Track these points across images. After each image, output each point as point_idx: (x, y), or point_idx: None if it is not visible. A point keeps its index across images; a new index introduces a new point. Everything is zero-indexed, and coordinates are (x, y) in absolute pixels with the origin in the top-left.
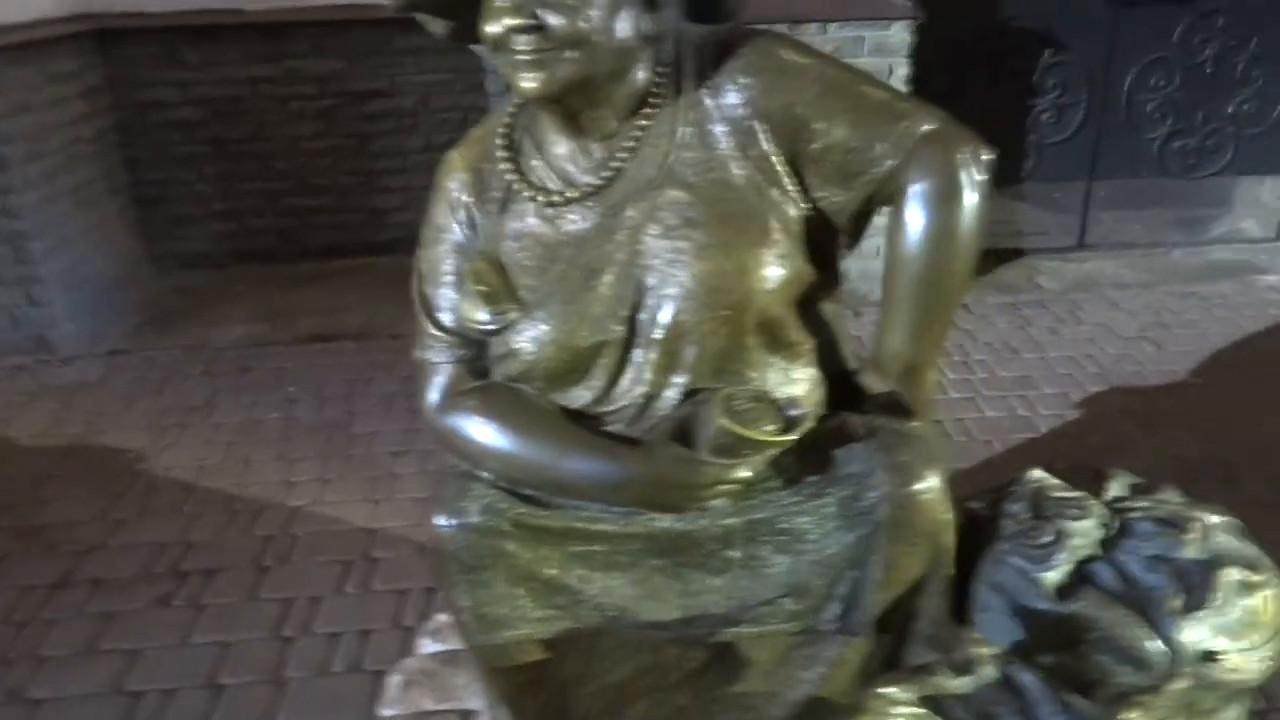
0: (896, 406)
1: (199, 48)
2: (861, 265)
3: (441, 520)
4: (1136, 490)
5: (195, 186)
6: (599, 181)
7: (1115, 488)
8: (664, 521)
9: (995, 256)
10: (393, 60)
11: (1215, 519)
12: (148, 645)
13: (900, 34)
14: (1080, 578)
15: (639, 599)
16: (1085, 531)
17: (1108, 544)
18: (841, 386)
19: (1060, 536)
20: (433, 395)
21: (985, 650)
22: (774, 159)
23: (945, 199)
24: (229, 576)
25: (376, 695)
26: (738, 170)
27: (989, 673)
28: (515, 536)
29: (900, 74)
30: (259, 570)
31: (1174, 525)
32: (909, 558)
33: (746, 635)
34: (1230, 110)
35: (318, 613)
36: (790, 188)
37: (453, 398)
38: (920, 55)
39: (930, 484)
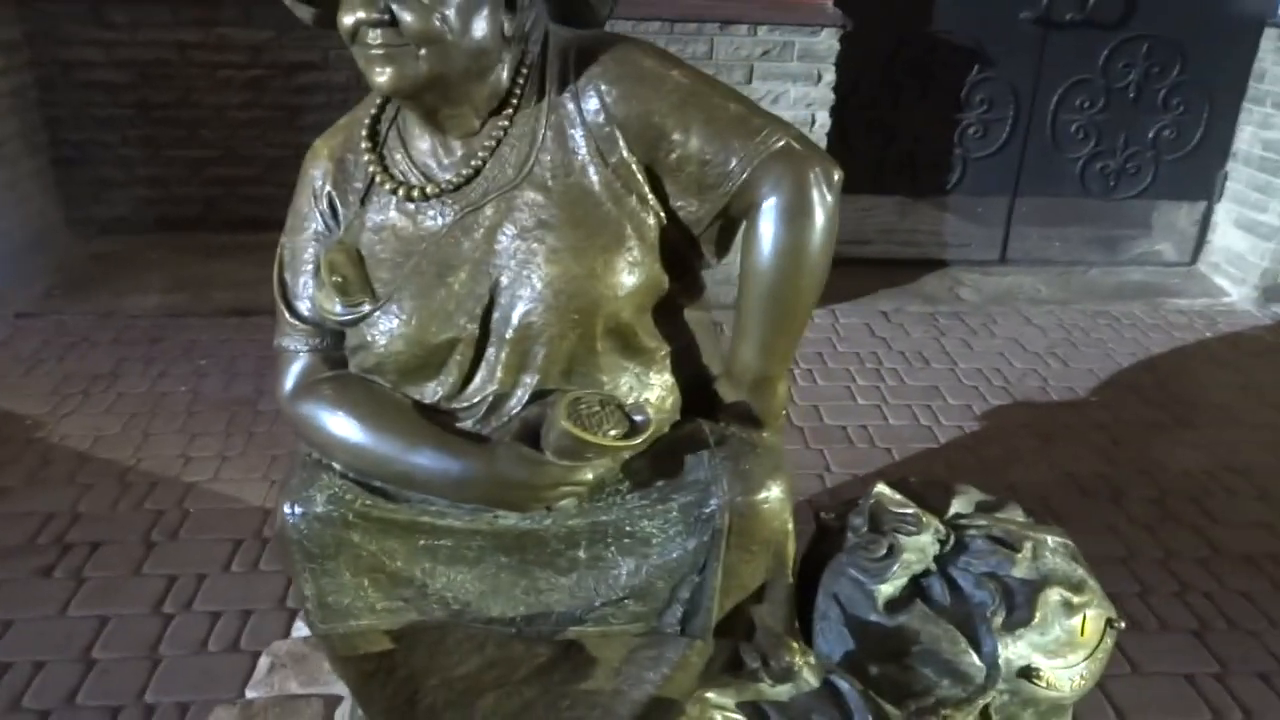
0: (748, 416)
1: (125, 8)
2: None
3: (286, 508)
4: (981, 507)
5: (118, 150)
6: (458, 179)
7: (959, 505)
8: (510, 519)
9: (920, 266)
10: (326, 34)
11: (1050, 540)
12: (23, 616)
13: (829, 41)
14: (913, 591)
15: (484, 594)
16: (919, 547)
17: (943, 559)
18: (704, 393)
19: (894, 551)
20: (287, 383)
21: (803, 659)
22: (633, 166)
23: (795, 216)
24: (114, 550)
25: (249, 676)
26: (596, 176)
27: (808, 680)
28: (361, 527)
29: (827, 79)
30: (146, 545)
31: (1007, 544)
32: (749, 565)
33: (591, 634)
34: (1151, 135)
35: (201, 590)
36: (649, 196)
37: (306, 387)
38: (850, 63)
39: (771, 494)
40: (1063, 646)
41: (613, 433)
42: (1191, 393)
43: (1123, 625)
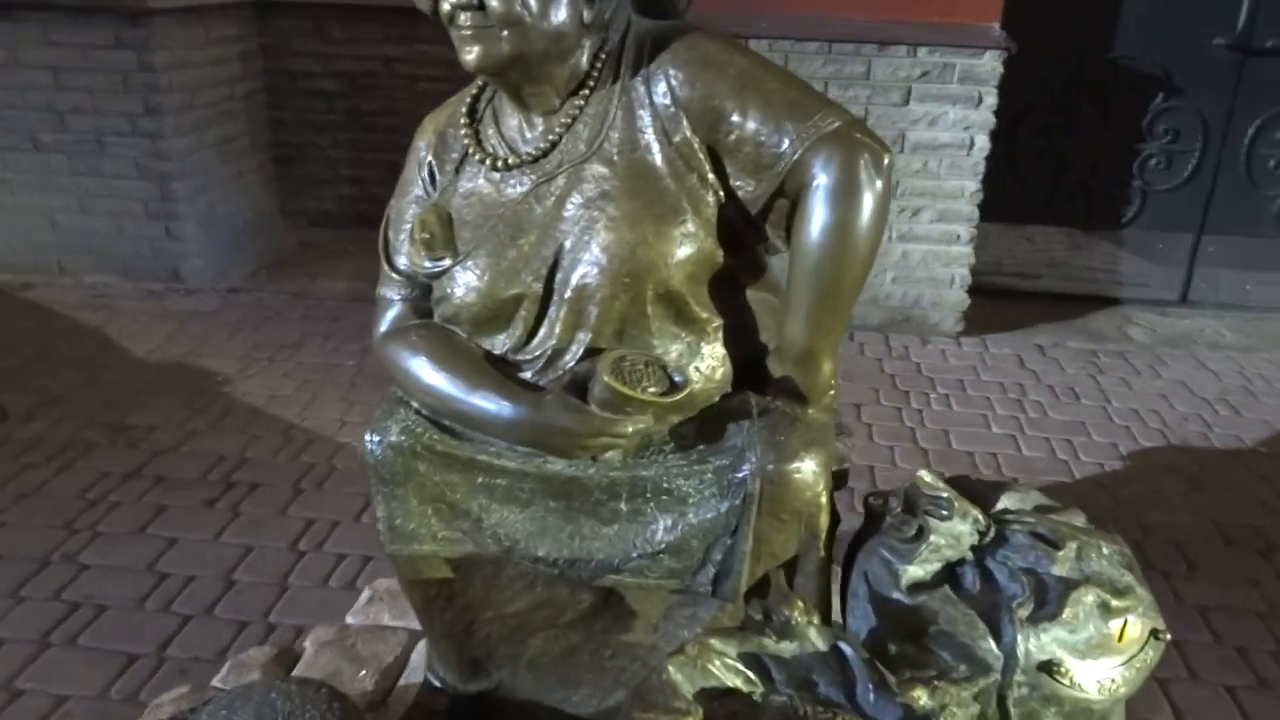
0: (793, 392)
1: (344, 24)
2: (935, 293)
3: (367, 436)
4: (1039, 509)
5: (329, 151)
6: (537, 152)
7: (1011, 501)
8: (557, 465)
9: (1090, 302)
10: None
11: (1104, 547)
12: (185, 537)
13: (991, 63)
14: (945, 577)
15: (533, 535)
16: (952, 533)
17: (981, 550)
18: (758, 370)
19: (922, 532)
20: (381, 327)
21: (805, 617)
22: (695, 146)
23: (842, 195)
24: (268, 492)
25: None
26: (659, 153)
27: (815, 642)
28: (427, 459)
29: (989, 102)
30: (295, 491)
31: (1049, 541)
32: (780, 534)
33: (629, 584)
34: None
35: (333, 535)
36: (709, 175)
37: (396, 331)
38: (1022, 87)
39: (804, 465)
40: (1095, 648)
41: (651, 389)
42: None
43: (1168, 637)
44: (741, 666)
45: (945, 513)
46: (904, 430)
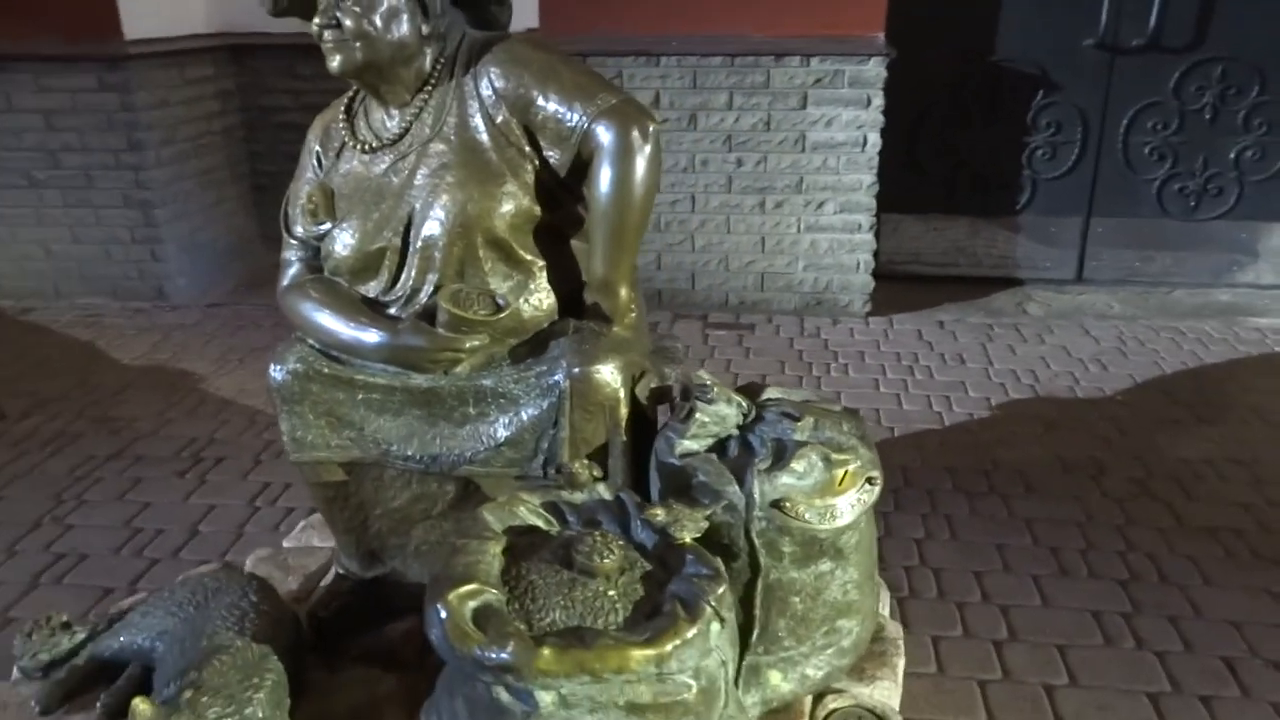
0: (601, 315)
1: (311, 63)
2: (843, 278)
3: (271, 366)
4: (806, 401)
5: None
6: (394, 136)
7: (777, 393)
8: (417, 379)
9: (994, 284)
10: None
11: (845, 424)
12: (158, 500)
13: (876, 68)
14: (716, 449)
15: (402, 438)
16: (718, 413)
17: (745, 428)
18: (579, 303)
19: (692, 413)
20: (283, 282)
21: (589, 472)
22: (512, 125)
23: (620, 155)
24: (232, 463)
25: None
26: (485, 133)
27: (603, 493)
28: (319, 380)
29: (877, 103)
30: (255, 461)
31: (794, 417)
32: (590, 424)
33: (479, 474)
34: (1232, 156)
35: (285, 493)
36: (526, 148)
37: (294, 286)
38: (921, 89)
39: (603, 368)
40: (820, 491)
41: (482, 312)
42: (1227, 397)
43: (879, 480)
44: (542, 510)
45: (710, 397)
46: None
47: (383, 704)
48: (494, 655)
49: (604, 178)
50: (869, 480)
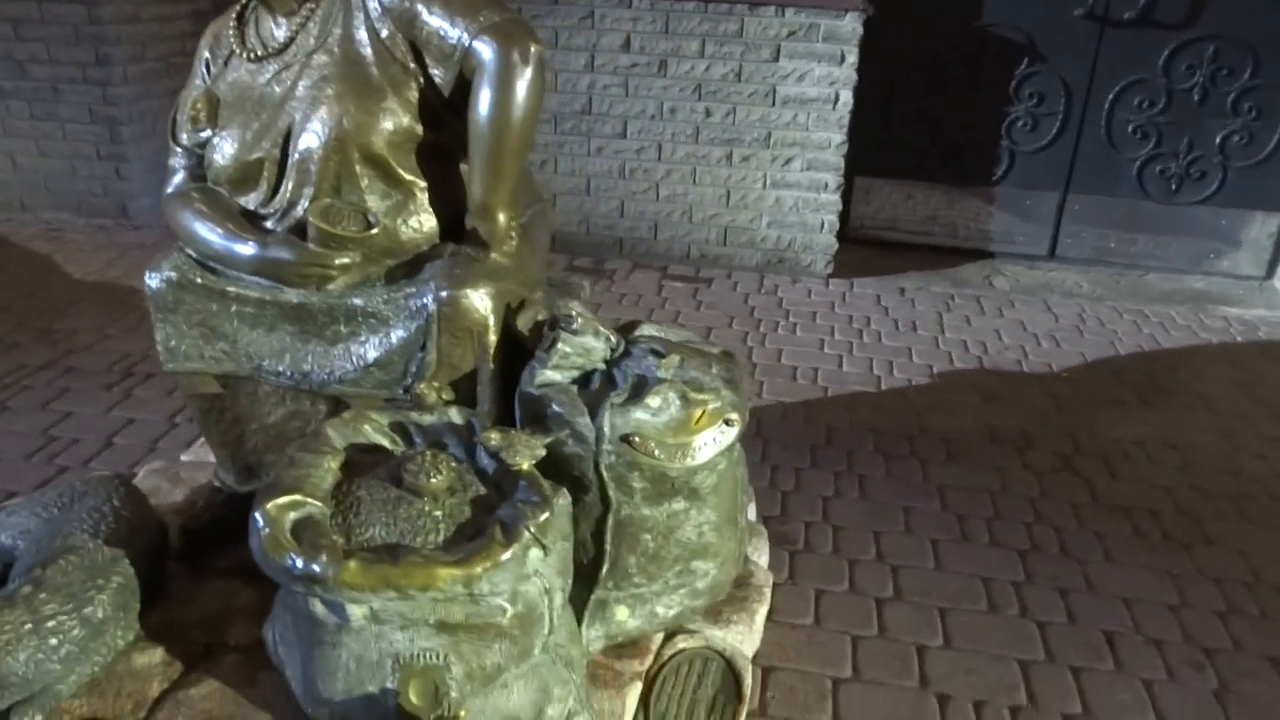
0: (479, 241)
1: None
2: (806, 237)
3: (147, 274)
4: (678, 341)
5: None
6: (279, 46)
7: (651, 331)
8: (289, 294)
9: (966, 255)
10: None
11: (714, 366)
12: (79, 411)
13: (852, 24)
14: (582, 382)
15: (274, 353)
16: (583, 345)
17: (612, 362)
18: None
19: (555, 342)
20: (168, 189)
21: (438, 396)
22: (397, 40)
23: (500, 76)
24: (160, 381)
25: None
26: (369, 47)
27: (454, 417)
28: (192, 290)
29: (850, 60)
30: None
31: (660, 354)
32: (456, 349)
33: (350, 393)
34: (1218, 140)
35: None
36: (411, 65)
37: (178, 193)
38: (898, 52)
39: (472, 293)
40: (674, 429)
41: (352, 229)
42: (1177, 383)
43: (738, 422)
44: (388, 430)
45: (574, 328)
46: (741, 349)
47: (236, 614)
48: (302, 566)
49: (483, 99)
50: (726, 421)
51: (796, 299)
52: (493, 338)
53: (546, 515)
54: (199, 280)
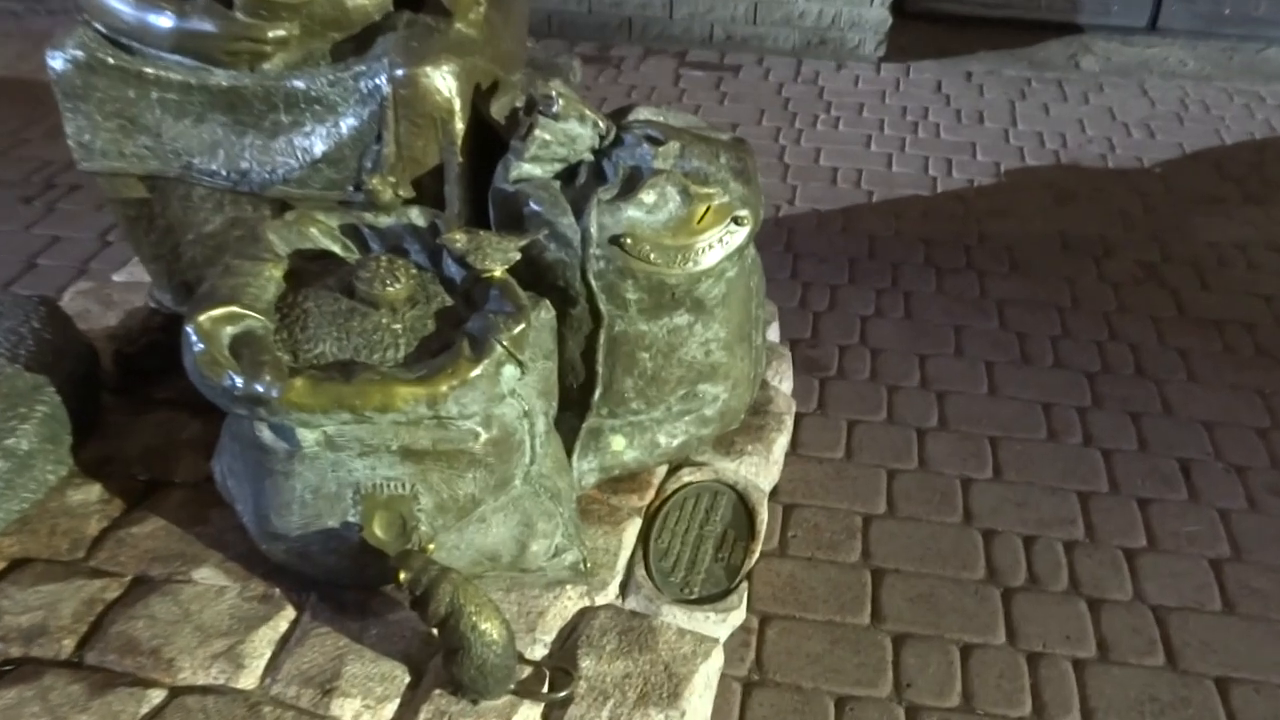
0: (440, 8)
1: None
2: (853, 11)
3: (48, 53)
4: (680, 127)
5: None
6: None
7: (648, 114)
8: (217, 75)
9: (1047, 30)
10: None
11: (723, 155)
12: None
13: None
14: (567, 175)
15: (206, 149)
16: (566, 132)
17: (601, 152)
18: None
19: (532, 129)
20: None
21: (394, 192)
22: None
23: None
24: (86, 193)
25: None
26: None
27: (415, 219)
28: (103, 72)
29: None
30: None
31: (658, 141)
32: (418, 139)
33: (295, 195)
34: None
35: None
36: None
37: None
38: None
39: (432, 70)
40: (673, 229)
41: None
42: None
43: (748, 221)
44: (339, 233)
45: (555, 111)
46: (772, 147)
47: (181, 448)
48: (243, 385)
49: None
50: (735, 219)
51: (840, 88)
52: (459, 125)
53: (522, 327)
54: (111, 60)
